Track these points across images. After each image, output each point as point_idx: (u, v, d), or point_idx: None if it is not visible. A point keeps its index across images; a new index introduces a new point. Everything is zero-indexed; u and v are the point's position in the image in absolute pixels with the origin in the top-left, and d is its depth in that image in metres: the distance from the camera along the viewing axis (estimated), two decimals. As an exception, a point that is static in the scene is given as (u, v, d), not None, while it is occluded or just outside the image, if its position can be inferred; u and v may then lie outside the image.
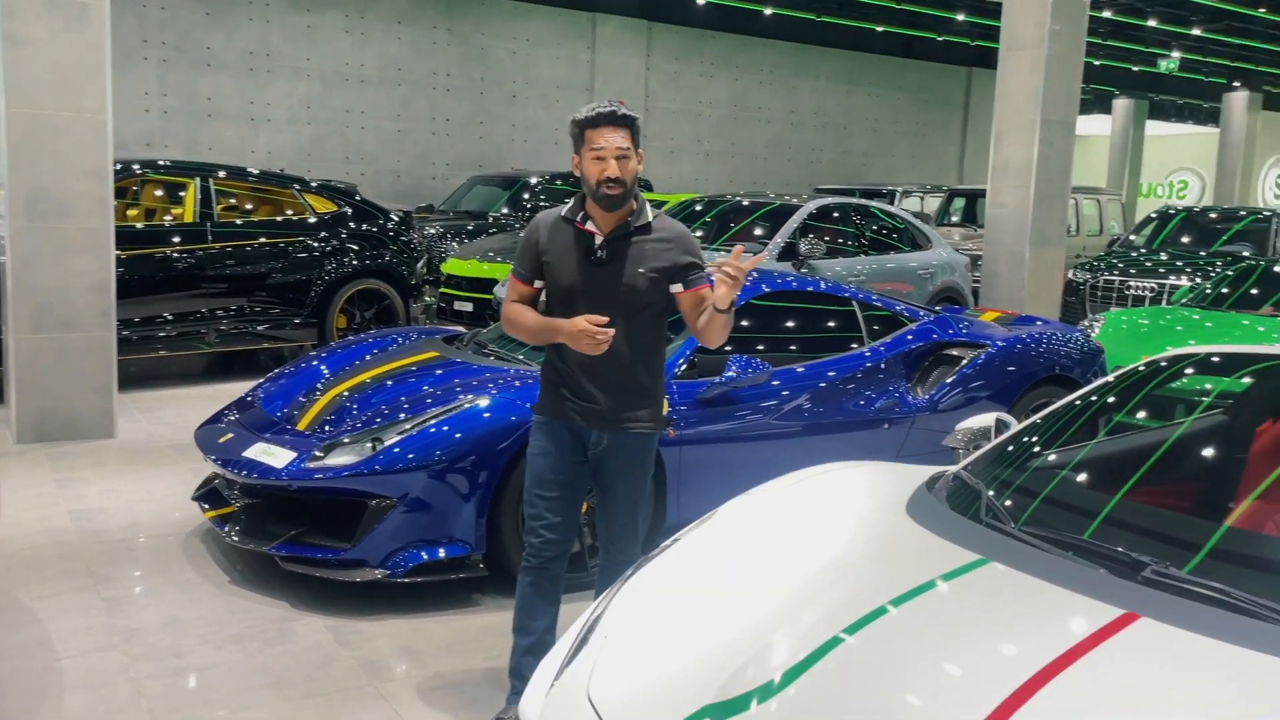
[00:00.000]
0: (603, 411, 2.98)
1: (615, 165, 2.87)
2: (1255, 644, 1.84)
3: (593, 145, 2.89)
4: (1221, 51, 20.70)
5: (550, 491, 3.02)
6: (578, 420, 3.00)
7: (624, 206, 2.93)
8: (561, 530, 3.05)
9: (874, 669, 1.96)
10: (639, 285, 2.94)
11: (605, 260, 2.94)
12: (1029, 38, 9.29)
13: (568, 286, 2.96)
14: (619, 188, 2.88)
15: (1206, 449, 3.15)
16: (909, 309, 5.54)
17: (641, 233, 2.97)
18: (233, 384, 7.82)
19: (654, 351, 3.06)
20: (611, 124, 2.90)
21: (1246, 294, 8.08)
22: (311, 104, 14.27)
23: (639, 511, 3.11)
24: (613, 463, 3.02)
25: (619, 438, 3.00)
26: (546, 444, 3.04)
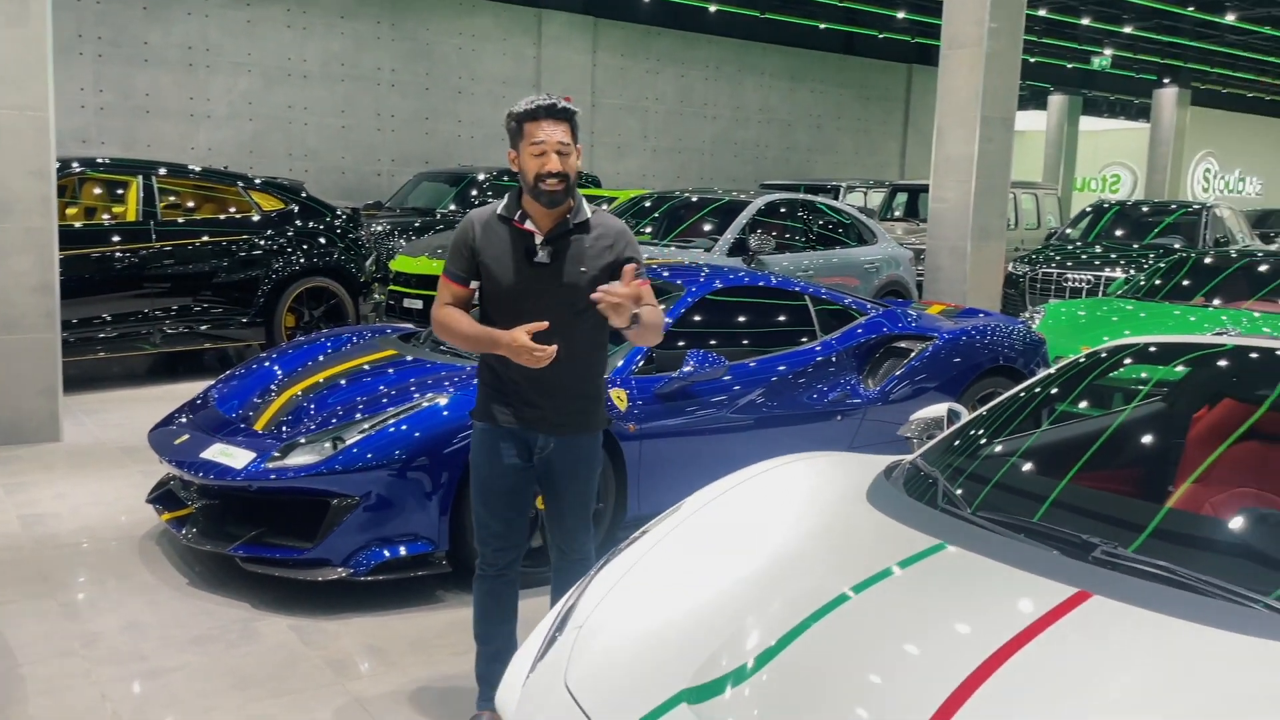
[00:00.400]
0: (547, 416, 2.91)
1: (556, 159, 2.77)
2: (1200, 618, 1.94)
3: (532, 139, 2.78)
4: (1152, 49, 21.26)
5: (497, 500, 2.96)
6: (520, 427, 2.92)
7: (564, 203, 2.85)
8: (513, 536, 3.01)
9: (842, 651, 2.04)
10: (581, 285, 2.85)
11: (546, 260, 2.85)
12: (969, 36, 9.48)
13: (508, 288, 2.86)
14: (560, 183, 2.79)
15: (1147, 435, 3.29)
16: (858, 303, 5.66)
17: (581, 230, 2.89)
18: (179, 385, 7.72)
19: (597, 352, 3.00)
20: (551, 117, 2.80)
21: (1179, 285, 8.35)
22: (253, 100, 14.07)
23: (590, 509, 3.08)
24: (560, 465, 2.96)
25: (565, 440, 2.94)
26: (489, 452, 2.96)
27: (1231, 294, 8.03)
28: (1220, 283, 8.22)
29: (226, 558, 4.18)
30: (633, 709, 2.00)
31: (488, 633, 3.06)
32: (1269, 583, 2.10)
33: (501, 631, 3.05)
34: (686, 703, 1.98)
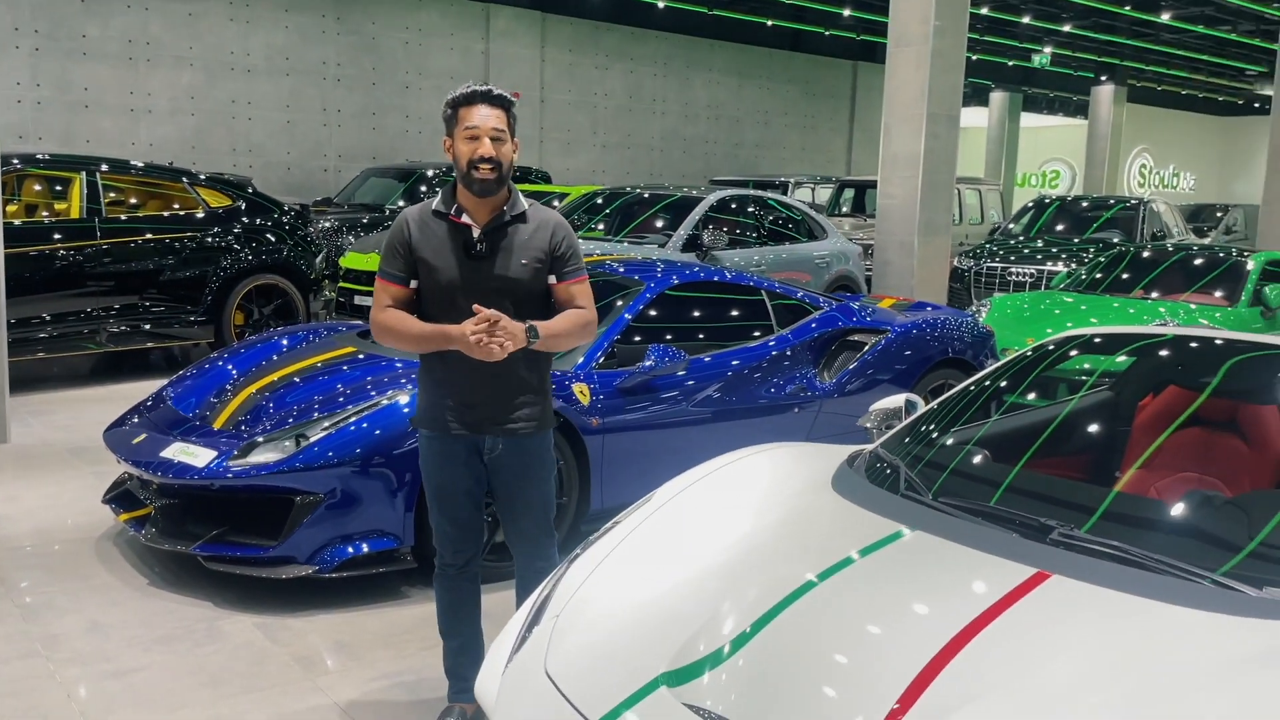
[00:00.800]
0: (492, 415, 2.84)
1: (490, 145, 2.72)
2: (1154, 594, 2.05)
3: (466, 124, 2.73)
4: (1090, 47, 21.75)
5: (449, 504, 2.92)
6: (465, 431, 2.85)
7: (498, 193, 2.79)
8: (469, 537, 2.97)
9: (814, 635, 2.11)
10: (522, 276, 2.81)
11: (485, 253, 2.79)
12: (915, 34, 9.63)
13: (447, 284, 2.78)
14: (493, 170, 2.73)
15: (1095, 423, 3.41)
16: (811, 297, 5.75)
17: (518, 221, 2.84)
18: (126, 385, 7.62)
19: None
20: (487, 102, 2.76)
21: (1118, 278, 8.60)
22: (195, 94, 13.84)
23: (550, 514, 3.01)
24: (512, 468, 2.89)
25: (513, 441, 2.87)
26: (437, 458, 2.90)
27: (1169, 287, 8.30)
28: (1158, 276, 8.48)
29: (186, 557, 4.15)
30: (613, 693, 2.05)
31: (453, 628, 3.04)
32: (1215, 560, 2.22)
33: (466, 627, 3.04)
34: (666, 686, 2.04)
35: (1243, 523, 2.43)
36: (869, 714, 1.85)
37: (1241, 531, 2.38)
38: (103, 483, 4.98)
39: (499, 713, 2.19)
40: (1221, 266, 8.36)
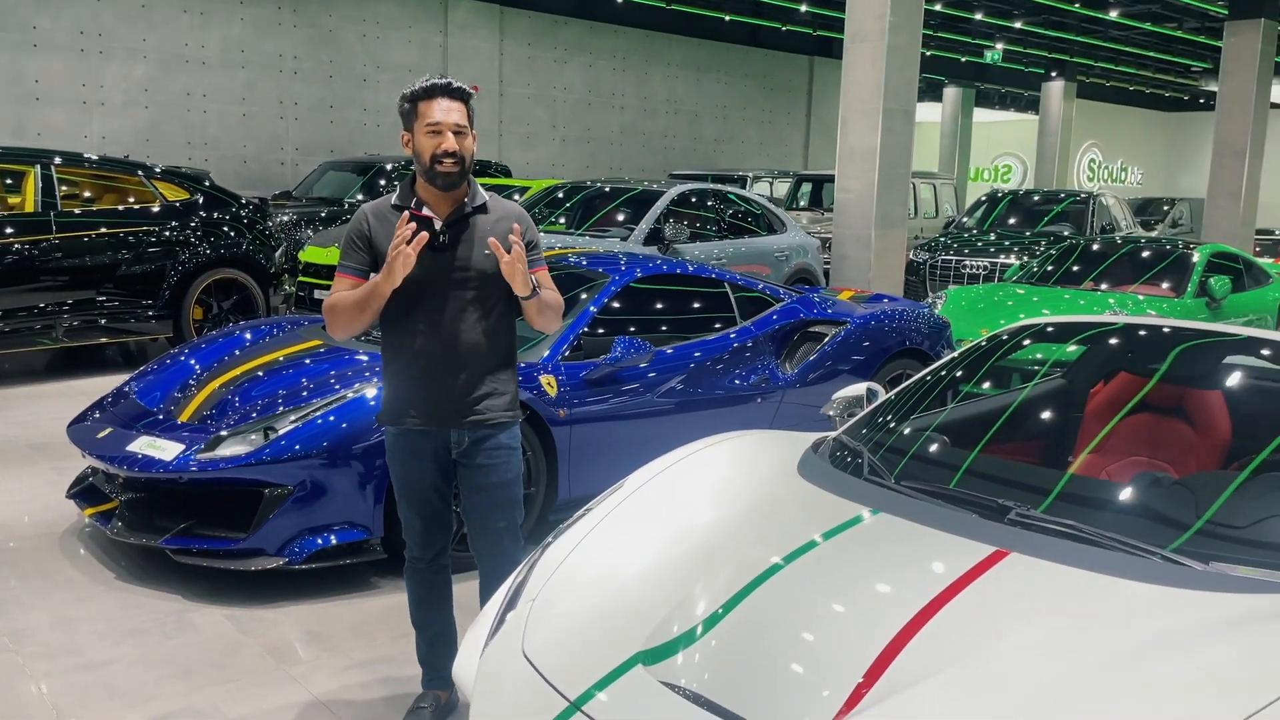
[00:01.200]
0: (457, 407, 2.82)
1: (452, 139, 2.72)
2: (1107, 570, 2.15)
3: (428, 119, 2.73)
4: (1040, 43, 22.10)
5: (416, 499, 2.92)
6: (432, 426, 2.83)
7: (459, 187, 2.79)
8: (437, 530, 2.98)
9: (783, 614, 2.19)
10: (485, 267, 2.80)
11: (447, 245, 2.79)
12: (871, 30, 9.77)
13: (410, 276, 2.71)
14: (456, 164, 2.74)
15: (1050, 409, 3.53)
16: (773, 289, 5.84)
17: (479, 212, 2.85)
18: (83, 380, 7.54)
19: (505, 335, 2.91)
20: (448, 95, 2.76)
21: (1069, 270, 8.80)
22: (149, 87, 13.64)
23: (517, 513, 2.97)
24: (480, 460, 2.88)
25: (479, 433, 2.86)
26: (403, 454, 2.89)
27: (1118, 278, 8.51)
28: (1107, 268, 8.69)
29: (152, 551, 4.15)
30: (591, 672, 2.11)
31: (425, 620, 3.05)
32: (1164, 537, 2.33)
33: (438, 618, 3.05)
34: (642, 664, 2.10)
35: (1190, 502, 2.55)
36: (836, 689, 1.93)
37: (1189, 510, 2.49)
38: (64, 478, 4.95)
39: (478, 695, 2.24)
40: (1168, 259, 8.58)
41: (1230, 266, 8.78)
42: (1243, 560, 2.21)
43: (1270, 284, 9.28)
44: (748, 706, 1.94)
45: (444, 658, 3.00)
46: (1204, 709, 1.71)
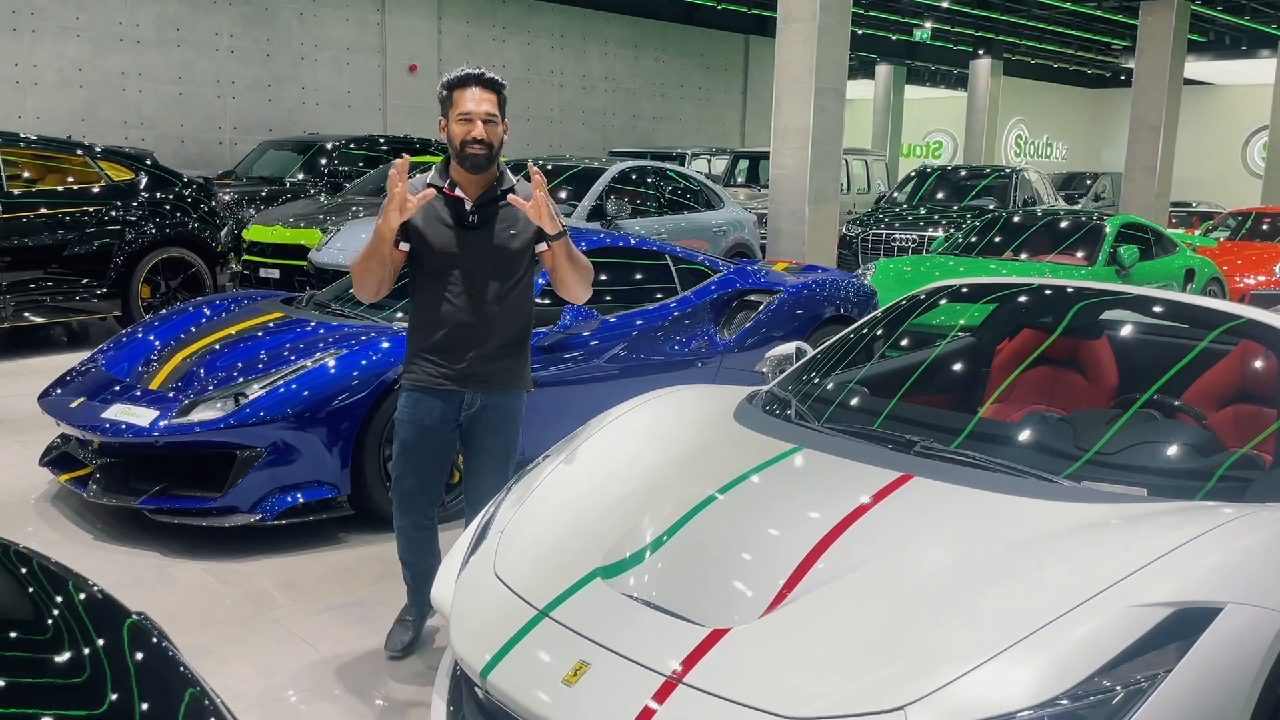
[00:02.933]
0: (477, 372, 3.08)
1: (481, 127, 2.96)
2: (991, 487, 2.52)
3: (460, 108, 2.97)
4: (968, 22, 22.68)
5: (417, 459, 3.15)
6: (451, 386, 3.09)
7: (489, 170, 3.04)
8: (428, 494, 3.23)
9: (719, 535, 2.53)
10: (510, 246, 3.07)
11: (477, 225, 3.05)
12: (803, 11, 10.10)
13: (440, 251, 3.03)
14: (484, 149, 2.98)
15: (961, 363, 3.91)
16: (711, 261, 6.17)
17: (508, 195, 3.05)
18: (34, 359, 7.63)
19: (523, 311, 3.18)
20: (480, 85, 2.99)
21: (991, 242, 9.28)
22: (83, 66, 13.51)
23: (509, 470, 3.22)
24: (485, 421, 3.14)
25: (492, 397, 3.13)
26: (416, 414, 3.13)
27: (1036, 249, 9.01)
28: (1027, 239, 9.19)
29: (127, 514, 4.37)
30: (556, 585, 2.44)
31: (411, 559, 3.32)
32: (1046, 464, 2.70)
33: (426, 560, 3.30)
34: (600, 578, 2.43)
35: (1070, 435, 2.93)
36: (762, 591, 2.28)
37: (1069, 441, 2.88)
38: (30, 450, 5.11)
39: (456, 611, 2.55)
40: (1082, 230, 9.10)
41: (1139, 237, 9.33)
42: (1108, 480, 2.59)
43: (1177, 253, 9.87)
44: (690, 608, 2.28)
45: (428, 587, 3.22)
46: (1059, 587, 2.08)
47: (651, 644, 2.19)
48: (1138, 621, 2.00)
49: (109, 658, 1.69)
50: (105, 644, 1.73)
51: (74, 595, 1.88)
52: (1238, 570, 2.14)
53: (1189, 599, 2.04)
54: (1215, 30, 22.44)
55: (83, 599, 1.88)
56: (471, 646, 2.38)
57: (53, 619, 1.78)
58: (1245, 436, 2.92)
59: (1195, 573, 2.10)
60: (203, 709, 1.64)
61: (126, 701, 1.58)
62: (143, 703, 1.59)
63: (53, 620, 1.77)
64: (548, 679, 2.19)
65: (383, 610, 3.61)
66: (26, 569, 1.96)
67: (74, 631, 1.74)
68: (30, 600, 1.85)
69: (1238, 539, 2.21)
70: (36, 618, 1.79)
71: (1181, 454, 2.83)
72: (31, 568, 1.97)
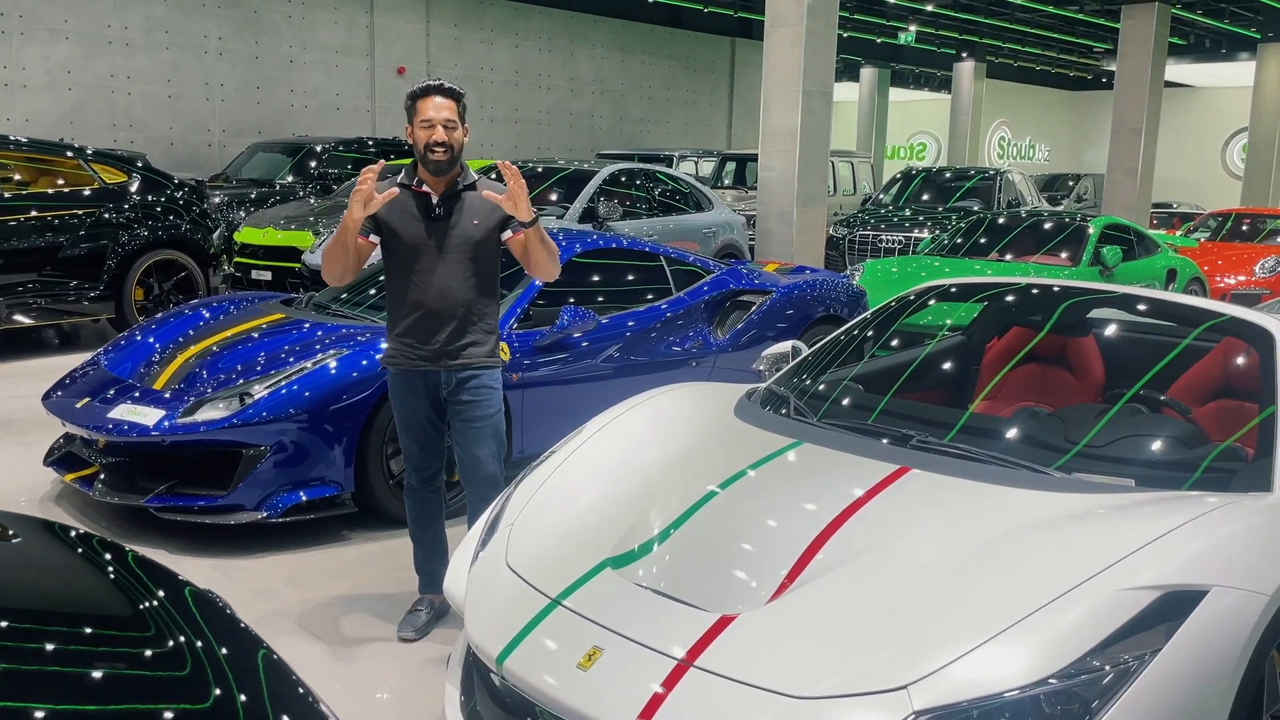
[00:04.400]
0: (448, 351, 3.35)
1: (441, 131, 3.26)
2: (984, 479, 2.62)
3: (422, 116, 3.27)
4: (951, 25, 22.88)
5: (412, 431, 3.48)
6: (424, 365, 3.37)
7: (451, 171, 3.33)
8: (430, 459, 3.53)
9: (720, 529, 2.62)
10: (473, 234, 3.34)
11: (442, 215, 3.33)
12: (790, 14, 10.20)
13: (409, 241, 3.33)
14: (446, 152, 3.27)
15: (953, 360, 4.01)
16: (703, 262, 6.27)
17: (469, 190, 3.37)
18: (29, 361, 7.65)
19: (489, 293, 3.44)
20: (440, 94, 3.30)
21: (976, 243, 9.41)
22: (72, 68, 13.51)
23: (499, 440, 3.49)
24: (465, 394, 3.41)
25: (464, 374, 3.39)
26: (401, 391, 3.44)
27: (1021, 249, 9.14)
28: (1011, 240, 9.33)
29: (133, 511, 4.43)
30: (567, 575, 2.52)
31: (421, 533, 3.58)
32: (1038, 456, 2.80)
33: (432, 531, 3.59)
34: (610, 567, 2.52)
35: (1060, 429, 3.04)
36: (766, 581, 2.37)
37: (1059, 435, 2.98)
38: (33, 451, 5.16)
39: (470, 601, 2.63)
40: (1066, 231, 9.24)
41: (1122, 237, 9.48)
42: (1097, 471, 2.70)
43: (1159, 253, 10.02)
44: (698, 595, 2.37)
45: (438, 565, 3.53)
46: (1051, 573, 2.18)
47: (662, 630, 2.27)
48: (1127, 604, 2.10)
49: (173, 606, 1.78)
50: (167, 596, 1.84)
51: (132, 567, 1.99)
52: (1222, 555, 2.24)
53: (1176, 582, 2.14)
54: (1195, 33, 22.71)
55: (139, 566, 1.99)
56: (487, 634, 2.46)
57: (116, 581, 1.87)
58: (1228, 430, 3.03)
59: (1182, 557, 2.20)
60: (279, 669, 1.74)
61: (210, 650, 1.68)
62: (222, 648, 1.70)
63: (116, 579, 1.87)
64: (562, 664, 2.28)
65: (388, 604, 3.69)
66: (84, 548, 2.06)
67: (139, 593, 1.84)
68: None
69: (1222, 526, 2.31)
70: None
71: (1168, 447, 2.94)
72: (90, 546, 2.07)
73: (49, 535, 2.11)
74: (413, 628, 3.53)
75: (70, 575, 1.99)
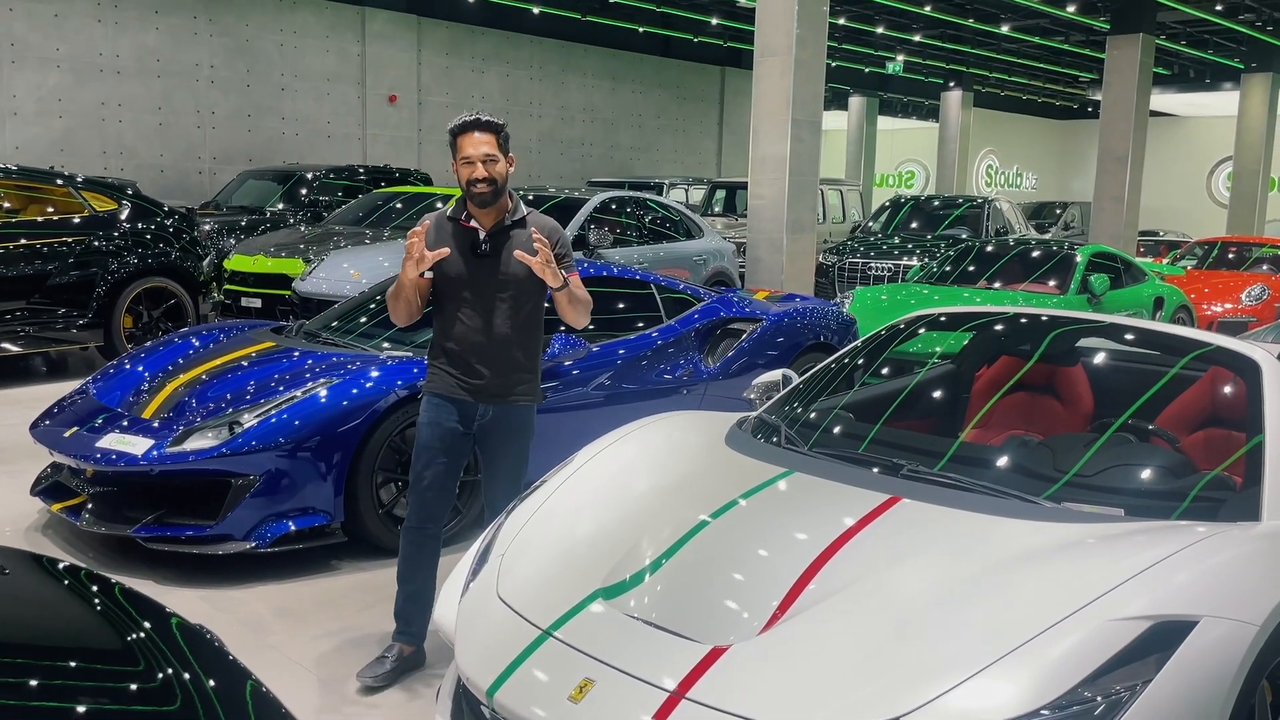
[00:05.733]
0: (488, 387, 3.35)
1: (481, 168, 3.25)
2: (974, 508, 2.62)
3: (463, 153, 3.27)
4: (938, 55, 23.12)
5: (434, 458, 3.38)
6: (465, 397, 3.36)
7: (497, 203, 3.31)
8: (440, 493, 3.42)
9: (711, 560, 2.62)
10: (518, 273, 3.30)
11: (488, 252, 3.32)
12: (779, 45, 10.29)
13: (455, 277, 3.32)
14: (488, 186, 3.26)
15: (942, 389, 4.03)
16: (694, 290, 6.29)
17: (518, 226, 3.35)
18: (17, 389, 7.62)
19: (532, 332, 3.44)
20: (479, 129, 3.28)
21: (965, 271, 9.47)
22: (63, 96, 13.55)
23: (522, 475, 3.48)
24: (497, 432, 3.41)
25: (503, 409, 3.38)
26: (435, 417, 3.41)
27: (1010, 277, 9.19)
28: (1000, 268, 9.38)
29: (120, 542, 4.39)
30: (558, 606, 2.51)
31: (409, 575, 3.43)
32: (1027, 485, 2.81)
33: (420, 575, 3.43)
34: (602, 598, 2.51)
35: (1049, 458, 3.05)
36: (758, 612, 2.37)
37: (1048, 464, 2.99)
38: (17, 482, 5.12)
39: (460, 633, 2.62)
40: (1054, 259, 9.31)
41: (1110, 265, 9.54)
42: (1087, 501, 2.71)
43: (1146, 281, 10.09)
44: (689, 626, 2.36)
45: (418, 614, 3.42)
46: (1042, 603, 2.18)
47: (654, 661, 2.27)
48: (1117, 635, 2.10)
49: (161, 639, 1.78)
50: (154, 628, 1.84)
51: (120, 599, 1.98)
52: (1212, 585, 2.25)
53: (1166, 613, 2.14)
54: (1180, 64, 23.00)
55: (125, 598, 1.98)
56: (477, 666, 2.44)
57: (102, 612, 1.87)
58: (1216, 459, 3.05)
59: (1172, 588, 2.21)
60: (267, 702, 1.73)
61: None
62: (210, 681, 1.71)
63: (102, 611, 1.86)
64: (554, 696, 2.27)
65: (377, 636, 3.66)
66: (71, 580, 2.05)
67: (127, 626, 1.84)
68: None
69: (1212, 555, 2.32)
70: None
71: (1156, 476, 2.95)
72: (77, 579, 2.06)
73: (37, 568, 2.10)
74: (373, 675, 3.37)
75: (58, 608, 1.98)
